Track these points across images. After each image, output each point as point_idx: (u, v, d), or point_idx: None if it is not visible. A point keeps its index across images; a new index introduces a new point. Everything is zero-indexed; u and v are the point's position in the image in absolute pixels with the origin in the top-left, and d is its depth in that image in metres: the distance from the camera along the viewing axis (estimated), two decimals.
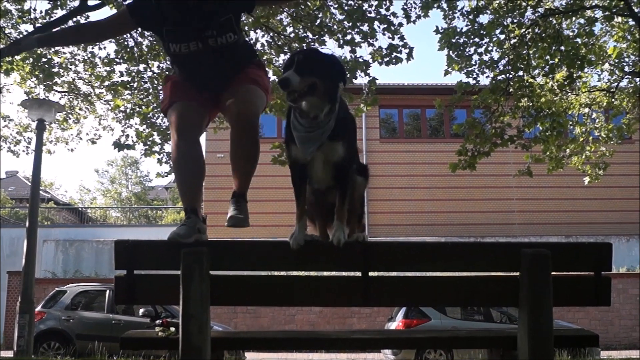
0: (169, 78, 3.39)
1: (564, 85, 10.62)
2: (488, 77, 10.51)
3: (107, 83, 11.63)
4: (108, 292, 12.64)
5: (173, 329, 2.85)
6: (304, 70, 2.64)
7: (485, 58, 10.32)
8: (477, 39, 10.14)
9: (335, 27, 9.70)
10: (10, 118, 13.36)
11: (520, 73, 10.48)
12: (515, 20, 10.31)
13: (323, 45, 9.86)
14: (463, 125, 10.81)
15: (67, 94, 12.34)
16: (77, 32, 4.03)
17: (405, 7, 9.65)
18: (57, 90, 11.98)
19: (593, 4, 10.70)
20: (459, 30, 10.09)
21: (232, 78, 3.15)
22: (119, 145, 10.86)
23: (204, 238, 2.97)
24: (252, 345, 3.22)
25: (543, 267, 2.63)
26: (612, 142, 12.49)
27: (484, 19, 10.34)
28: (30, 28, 10.21)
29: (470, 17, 10.04)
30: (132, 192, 45.13)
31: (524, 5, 10.27)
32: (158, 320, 3.07)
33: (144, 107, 11.09)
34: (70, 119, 13.01)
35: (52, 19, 10.23)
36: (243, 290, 2.78)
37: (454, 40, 10.02)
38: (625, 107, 12.25)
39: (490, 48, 10.31)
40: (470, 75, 10.36)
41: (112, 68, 11.38)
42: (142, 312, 11.58)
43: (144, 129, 11.24)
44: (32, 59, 10.59)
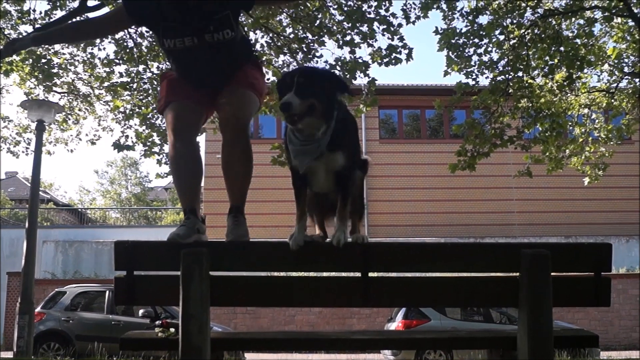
0: (165, 76, 3.36)
1: (564, 86, 10.62)
2: (487, 77, 10.53)
3: (106, 84, 11.63)
4: (108, 292, 12.62)
5: (173, 330, 2.85)
6: (304, 92, 2.62)
7: (485, 59, 10.34)
8: (476, 40, 10.14)
9: (335, 27, 9.70)
10: (10, 119, 13.40)
11: (520, 74, 10.48)
12: (515, 21, 10.31)
13: (322, 46, 9.87)
14: (463, 126, 10.80)
15: (66, 95, 12.34)
16: (73, 29, 4.01)
17: (405, 7, 9.66)
18: (56, 91, 11.98)
19: (592, 5, 10.71)
20: (459, 31, 10.10)
21: (230, 76, 3.12)
22: (119, 146, 10.85)
23: (204, 238, 2.97)
24: (251, 346, 3.22)
25: (543, 267, 2.63)
26: (611, 142, 12.49)
27: (484, 20, 10.36)
28: (30, 29, 10.22)
29: (470, 17, 10.04)
30: (131, 192, 45.14)
31: (524, 6, 10.27)
32: (158, 321, 3.07)
33: (144, 107, 11.09)
34: (70, 120, 13.01)
35: (51, 20, 10.23)
36: (243, 291, 2.78)
37: (454, 41, 10.02)
38: (625, 107, 12.26)
39: (490, 49, 10.31)
40: (470, 76, 10.37)
41: (111, 69, 11.38)
42: (141, 312, 11.57)
43: (144, 130, 11.23)
44: (31, 60, 10.58)
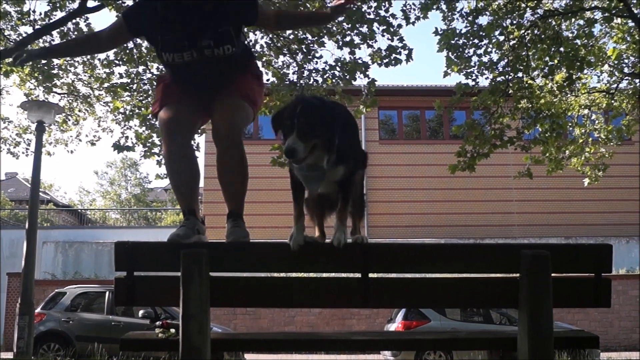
0: (161, 79, 3.36)
1: (564, 87, 10.62)
2: (487, 78, 10.52)
3: (106, 85, 11.64)
4: (108, 293, 12.61)
5: (173, 331, 2.85)
6: (306, 133, 2.56)
7: (485, 59, 10.34)
8: (476, 41, 10.14)
9: (335, 28, 9.70)
10: (10, 120, 13.45)
11: (520, 74, 10.48)
12: (515, 22, 10.31)
13: (322, 47, 9.88)
14: (462, 127, 10.79)
15: (66, 96, 12.35)
16: (78, 43, 4.01)
17: (405, 8, 9.66)
18: (56, 92, 11.99)
19: (592, 5, 10.71)
20: (458, 32, 10.09)
21: (226, 85, 3.12)
22: (119, 147, 10.85)
23: (204, 239, 2.97)
24: (251, 347, 3.21)
25: (543, 268, 2.62)
26: (611, 143, 12.50)
27: (483, 21, 10.35)
28: (30, 30, 10.21)
29: (470, 18, 10.04)
30: (131, 193, 45.11)
31: (524, 7, 10.27)
32: (158, 322, 3.07)
33: (144, 108, 11.09)
34: (70, 121, 13.03)
35: (51, 21, 10.23)
36: (243, 292, 2.78)
37: (453, 42, 10.02)
38: (625, 108, 12.25)
39: (490, 49, 10.31)
40: (470, 77, 10.36)
41: (111, 70, 11.39)
42: (141, 313, 11.55)
43: (144, 131, 11.23)
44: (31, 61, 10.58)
